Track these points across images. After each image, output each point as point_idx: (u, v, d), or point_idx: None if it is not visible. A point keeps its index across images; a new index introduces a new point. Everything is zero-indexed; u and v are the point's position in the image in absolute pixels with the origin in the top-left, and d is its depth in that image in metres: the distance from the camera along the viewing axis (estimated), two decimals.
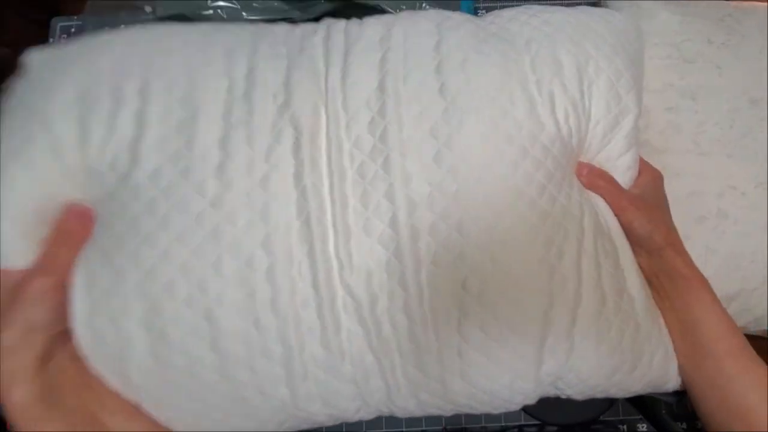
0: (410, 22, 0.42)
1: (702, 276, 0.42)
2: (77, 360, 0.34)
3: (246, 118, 0.37)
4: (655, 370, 0.42)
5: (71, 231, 0.36)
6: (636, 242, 0.42)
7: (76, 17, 0.70)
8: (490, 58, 0.40)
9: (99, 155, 0.36)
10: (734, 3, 0.56)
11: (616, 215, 0.42)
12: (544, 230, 0.37)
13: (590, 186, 0.42)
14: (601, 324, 0.38)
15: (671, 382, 0.43)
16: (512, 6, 0.46)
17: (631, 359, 0.40)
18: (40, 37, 0.71)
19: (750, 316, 0.50)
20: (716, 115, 0.51)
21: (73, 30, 0.70)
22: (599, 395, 0.42)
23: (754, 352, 0.40)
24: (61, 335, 0.34)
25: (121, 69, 0.39)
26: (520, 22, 0.43)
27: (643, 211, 0.41)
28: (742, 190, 0.49)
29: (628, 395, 0.43)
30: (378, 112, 0.38)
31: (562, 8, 0.45)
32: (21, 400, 0.32)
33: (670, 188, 0.49)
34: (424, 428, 0.57)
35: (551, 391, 0.41)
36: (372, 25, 0.42)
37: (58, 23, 0.70)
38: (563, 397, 0.42)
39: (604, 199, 0.42)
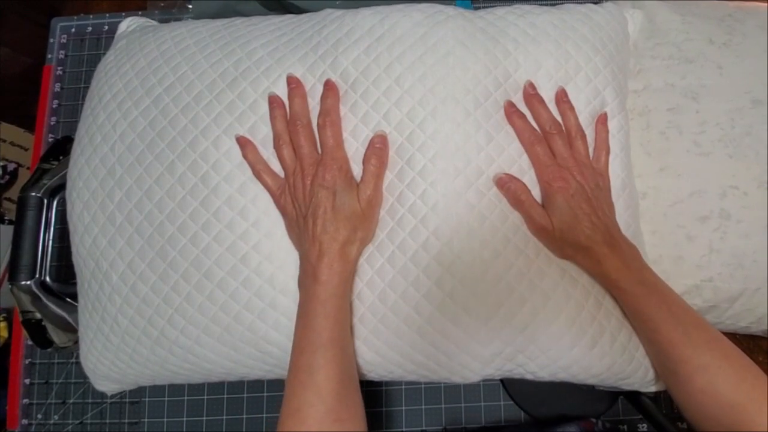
0: (402, 14, 0.46)
1: (632, 277, 0.40)
2: None
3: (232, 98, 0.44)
4: (618, 353, 0.43)
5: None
6: None
7: (76, 17, 0.69)
8: (474, 54, 0.44)
9: None
10: (734, 3, 0.54)
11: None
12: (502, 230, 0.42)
13: (508, 199, 0.42)
14: (559, 295, 0.42)
15: (642, 375, 0.44)
16: (506, 5, 0.48)
17: (591, 334, 0.42)
18: (40, 37, 0.69)
19: (752, 316, 0.49)
20: (718, 115, 0.49)
21: (73, 30, 0.68)
22: (563, 374, 0.44)
23: (696, 335, 0.38)
24: None
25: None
26: (508, 22, 0.46)
27: (550, 241, 0.42)
28: (744, 190, 0.47)
29: (593, 379, 0.44)
30: (362, 95, 0.43)
31: (549, 9, 0.47)
32: (340, 277, 0.39)
33: (673, 188, 0.47)
34: (424, 428, 0.55)
35: (515, 369, 0.44)
36: (367, 15, 0.46)
37: (58, 23, 0.69)
38: (529, 376, 0.44)
39: (521, 216, 0.43)
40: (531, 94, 0.44)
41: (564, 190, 0.41)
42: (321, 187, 0.40)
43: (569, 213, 0.40)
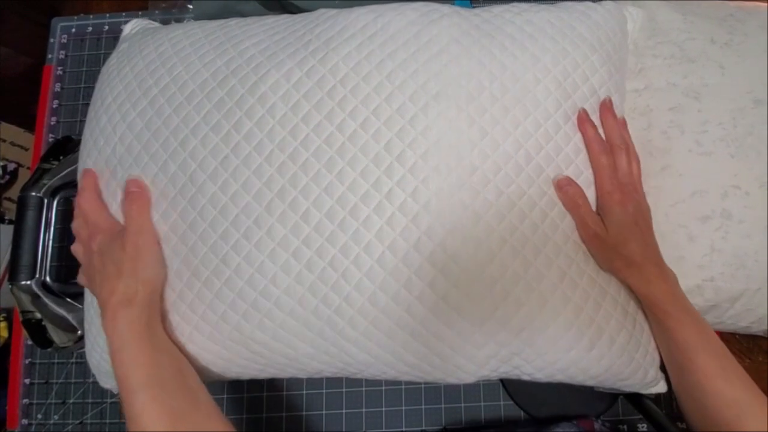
0: (396, 12, 0.45)
1: (669, 301, 0.41)
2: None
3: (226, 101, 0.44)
4: (616, 355, 0.42)
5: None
6: None
7: (76, 17, 0.69)
8: (468, 50, 0.43)
9: None
10: (735, 3, 0.54)
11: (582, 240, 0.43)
12: (499, 229, 0.41)
13: (562, 199, 0.42)
14: (557, 298, 0.41)
15: (641, 377, 0.44)
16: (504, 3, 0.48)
17: (588, 336, 0.41)
18: (40, 37, 0.69)
19: (753, 316, 0.48)
20: (720, 114, 0.48)
21: (73, 30, 0.68)
22: (560, 376, 0.43)
23: (732, 369, 0.39)
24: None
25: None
26: (504, 20, 0.46)
27: (601, 249, 0.42)
28: (746, 190, 0.46)
29: (591, 380, 0.44)
30: (351, 91, 0.42)
31: (547, 7, 0.47)
32: (126, 323, 0.38)
33: (674, 188, 0.47)
34: (424, 428, 0.55)
35: (511, 371, 0.43)
36: (360, 13, 0.46)
37: (58, 23, 0.69)
38: (525, 377, 0.44)
39: (574, 220, 0.43)
40: (608, 107, 0.44)
41: (624, 203, 0.42)
42: (92, 254, 0.42)
43: (627, 227, 0.41)
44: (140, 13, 0.68)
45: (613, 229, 0.41)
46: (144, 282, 0.40)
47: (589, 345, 0.41)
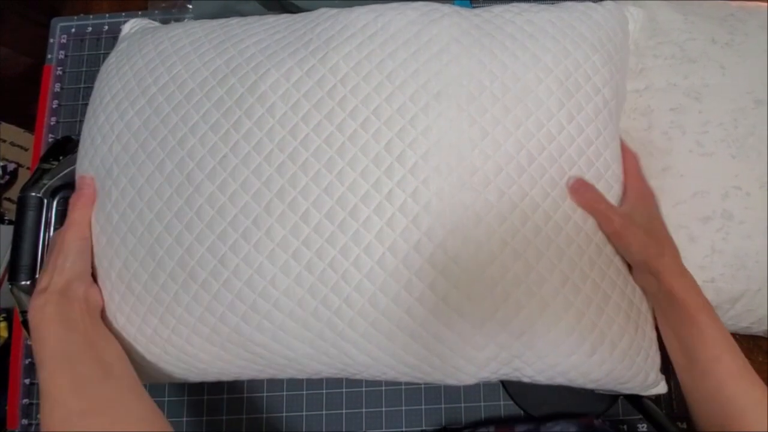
0: (397, 12, 0.45)
1: (699, 298, 0.41)
2: (90, 297, 0.43)
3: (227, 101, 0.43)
4: (618, 360, 0.42)
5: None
6: (631, 264, 0.43)
7: (76, 17, 0.68)
8: (468, 50, 0.43)
9: None
10: (736, 3, 0.53)
11: (608, 237, 0.43)
12: (500, 230, 0.40)
13: (580, 202, 0.42)
14: (558, 302, 0.40)
15: (642, 380, 0.43)
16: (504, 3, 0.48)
17: (590, 341, 0.41)
18: (40, 37, 0.68)
19: (753, 317, 0.48)
20: (721, 115, 0.48)
21: (73, 30, 0.67)
22: (561, 379, 0.43)
23: (753, 371, 0.39)
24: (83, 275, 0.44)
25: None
26: (505, 20, 0.46)
27: (633, 237, 0.41)
28: (747, 191, 0.46)
29: (591, 384, 0.44)
30: (351, 90, 0.42)
31: (547, 7, 0.47)
32: (38, 307, 0.40)
33: (675, 189, 0.47)
34: (424, 428, 0.55)
35: (511, 373, 0.43)
36: (361, 13, 0.45)
37: (58, 23, 0.69)
38: (525, 380, 0.44)
39: (594, 218, 0.42)
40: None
41: (653, 203, 0.44)
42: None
43: (654, 223, 0.43)
44: (140, 13, 0.68)
45: (642, 222, 0.42)
46: (61, 272, 0.43)
47: (590, 350, 0.41)
